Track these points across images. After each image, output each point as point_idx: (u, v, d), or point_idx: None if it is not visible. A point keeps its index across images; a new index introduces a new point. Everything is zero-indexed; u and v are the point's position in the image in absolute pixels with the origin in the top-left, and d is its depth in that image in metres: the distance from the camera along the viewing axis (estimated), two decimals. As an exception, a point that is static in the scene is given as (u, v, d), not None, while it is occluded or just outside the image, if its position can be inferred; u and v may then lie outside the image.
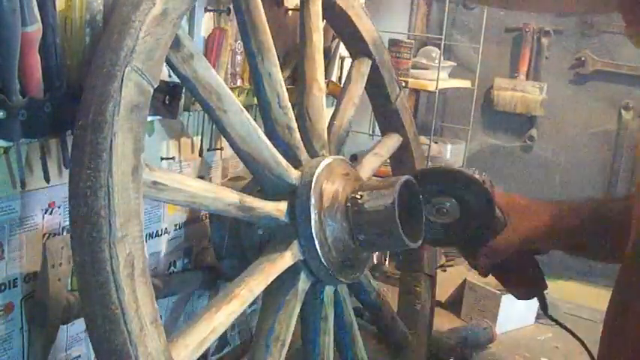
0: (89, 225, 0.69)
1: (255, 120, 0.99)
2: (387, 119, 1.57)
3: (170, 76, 1.06)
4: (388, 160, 1.60)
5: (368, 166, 1.37)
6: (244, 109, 0.96)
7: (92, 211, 0.69)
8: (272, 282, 0.97)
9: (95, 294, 0.68)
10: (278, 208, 1.01)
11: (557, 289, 2.82)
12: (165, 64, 0.83)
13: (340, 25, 1.41)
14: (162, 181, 0.79)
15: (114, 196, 0.70)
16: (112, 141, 0.71)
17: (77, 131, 0.73)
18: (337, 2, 1.33)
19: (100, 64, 0.75)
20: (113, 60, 0.74)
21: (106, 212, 0.69)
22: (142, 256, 0.72)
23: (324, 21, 1.35)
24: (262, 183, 1.05)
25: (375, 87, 1.51)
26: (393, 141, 1.54)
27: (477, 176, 1.05)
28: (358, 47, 1.44)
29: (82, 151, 0.71)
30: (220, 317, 0.85)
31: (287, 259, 1.00)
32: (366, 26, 1.43)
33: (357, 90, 1.38)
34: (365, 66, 1.43)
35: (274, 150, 1.02)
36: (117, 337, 0.68)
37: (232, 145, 0.98)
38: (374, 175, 1.40)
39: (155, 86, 0.78)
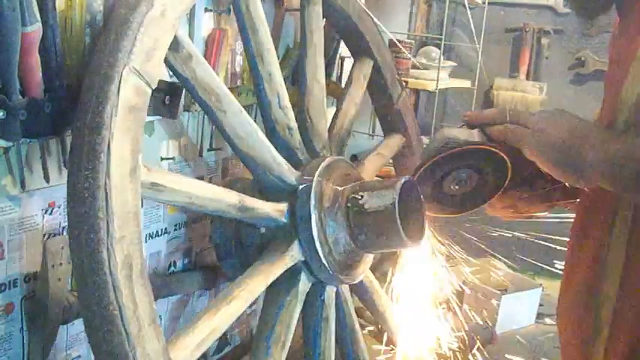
0: (87, 226, 0.69)
1: (255, 120, 0.99)
2: (389, 120, 1.57)
3: (170, 76, 1.06)
4: (391, 161, 1.60)
5: (370, 167, 1.37)
6: (243, 110, 0.96)
7: (90, 213, 0.69)
8: (273, 282, 0.97)
9: (93, 295, 0.68)
10: (278, 209, 1.01)
11: (557, 289, 2.82)
12: (164, 64, 0.83)
13: (342, 25, 1.41)
14: (160, 182, 0.79)
15: (112, 198, 0.70)
16: (109, 142, 0.71)
17: (75, 132, 0.73)
18: (338, 3, 1.33)
19: (97, 66, 0.74)
20: (111, 61, 0.74)
21: (104, 213, 0.69)
22: (140, 258, 0.72)
23: (325, 20, 1.35)
24: (262, 184, 1.05)
25: (377, 88, 1.51)
26: (396, 141, 1.54)
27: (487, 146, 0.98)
28: (360, 48, 1.44)
29: (79, 153, 0.71)
30: (220, 318, 0.85)
31: (287, 260, 1.00)
32: (367, 27, 1.43)
33: (359, 91, 1.38)
34: (367, 67, 1.43)
35: (274, 150, 1.02)
36: (115, 338, 0.68)
37: (232, 145, 0.98)
38: (376, 176, 1.41)
39: (153, 87, 0.78)
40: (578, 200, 1.00)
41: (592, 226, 0.94)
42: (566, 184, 0.88)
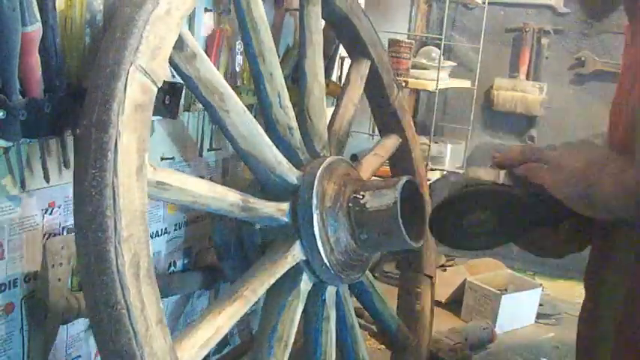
0: (95, 225, 0.68)
1: (255, 120, 0.98)
2: (385, 120, 1.57)
3: (173, 76, 1.06)
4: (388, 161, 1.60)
5: (368, 167, 1.37)
6: (246, 109, 0.96)
7: (97, 211, 0.68)
8: (274, 282, 0.97)
9: (100, 294, 0.68)
10: (280, 209, 1.01)
11: (557, 289, 2.84)
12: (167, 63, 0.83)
13: (339, 26, 1.41)
14: (166, 181, 0.79)
15: (119, 196, 0.69)
16: (116, 140, 0.70)
17: (81, 131, 0.72)
18: (336, 3, 1.33)
19: (103, 64, 0.74)
20: (117, 59, 0.73)
21: (111, 212, 0.68)
22: (147, 256, 0.71)
23: (324, 20, 1.35)
24: (264, 183, 1.04)
25: (374, 88, 1.51)
26: (392, 142, 1.54)
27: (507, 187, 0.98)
28: (357, 48, 1.44)
29: (86, 151, 0.71)
30: (224, 317, 0.85)
31: (289, 259, 1.00)
32: (364, 27, 1.43)
33: (357, 91, 1.38)
34: (364, 67, 1.43)
35: (276, 150, 1.01)
36: (122, 337, 0.68)
37: (234, 145, 0.97)
38: (374, 175, 1.40)
39: (159, 85, 0.78)
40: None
41: (605, 265, 0.93)
42: (593, 222, 0.87)
